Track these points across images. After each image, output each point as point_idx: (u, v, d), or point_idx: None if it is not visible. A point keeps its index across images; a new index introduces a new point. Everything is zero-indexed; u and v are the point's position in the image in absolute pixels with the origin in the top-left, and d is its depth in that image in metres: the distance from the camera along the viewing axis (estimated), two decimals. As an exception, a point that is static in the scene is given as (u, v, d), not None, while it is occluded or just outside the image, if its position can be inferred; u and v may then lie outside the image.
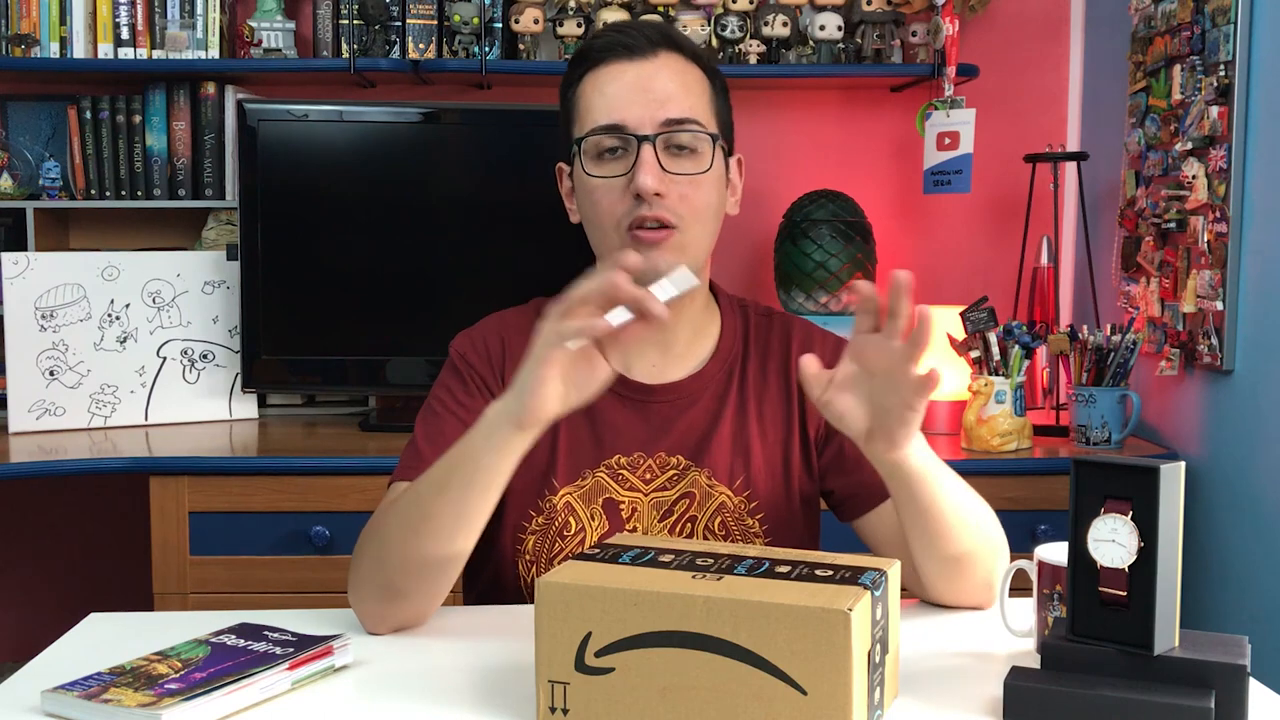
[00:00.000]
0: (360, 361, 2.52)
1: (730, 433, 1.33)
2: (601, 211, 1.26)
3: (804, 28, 2.67)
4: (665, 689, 0.92)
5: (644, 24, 1.30)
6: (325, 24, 2.66)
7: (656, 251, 1.22)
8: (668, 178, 1.23)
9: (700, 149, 1.26)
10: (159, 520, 2.17)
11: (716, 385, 1.34)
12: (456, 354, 1.36)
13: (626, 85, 1.24)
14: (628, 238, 1.24)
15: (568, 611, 0.94)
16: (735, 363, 1.36)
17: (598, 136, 1.25)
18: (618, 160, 1.25)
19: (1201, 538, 2.17)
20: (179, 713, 0.95)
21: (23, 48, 2.54)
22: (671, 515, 1.32)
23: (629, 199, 1.23)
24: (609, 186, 1.25)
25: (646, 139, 1.23)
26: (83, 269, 2.48)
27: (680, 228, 1.24)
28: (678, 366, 1.34)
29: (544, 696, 0.96)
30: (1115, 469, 0.98)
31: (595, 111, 1.25)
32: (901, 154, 2.82)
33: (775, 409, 1.35)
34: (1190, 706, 0.91)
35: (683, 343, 1.35)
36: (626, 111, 1.23)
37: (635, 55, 1.25)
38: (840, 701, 0.88)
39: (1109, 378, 2.31)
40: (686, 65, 1.28)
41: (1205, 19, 2.15)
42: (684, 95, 1.25)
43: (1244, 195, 2.07)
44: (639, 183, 1.21)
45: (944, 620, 1.25)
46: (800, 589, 0.92)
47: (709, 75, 1.30)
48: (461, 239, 2.50)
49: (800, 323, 1.41)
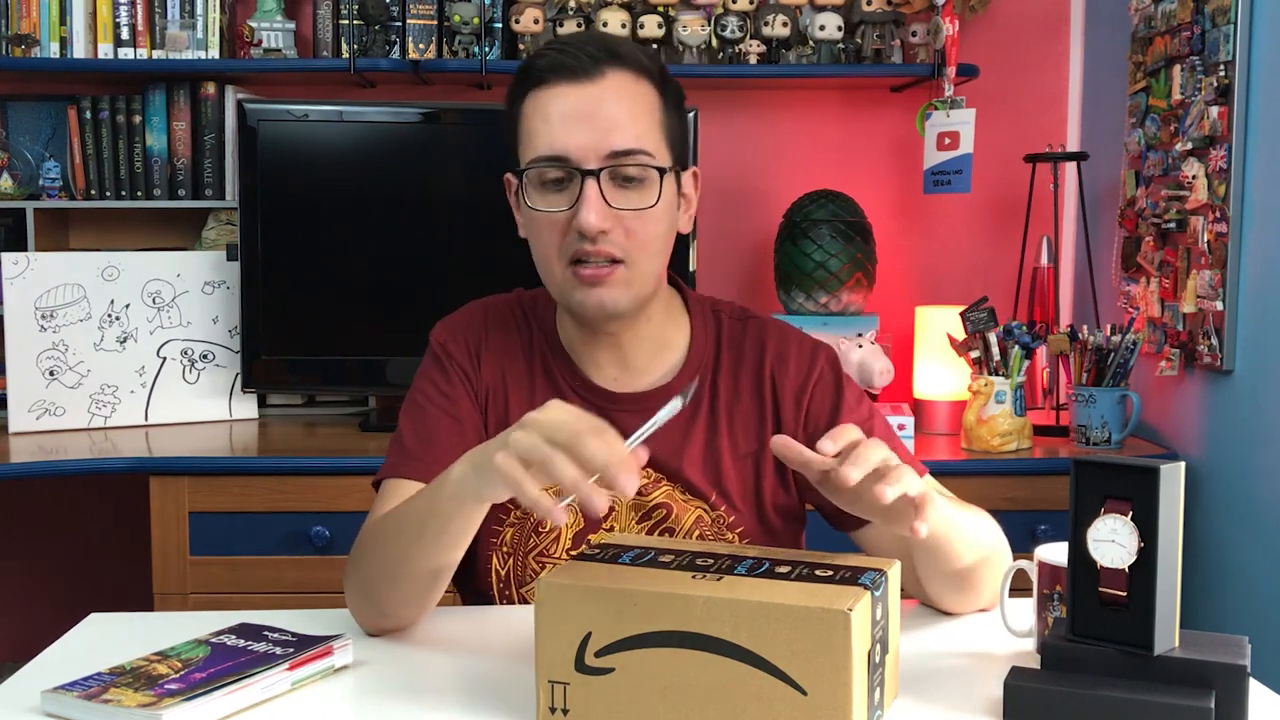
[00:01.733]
0: (360, 361, 2.52)
1: (701, 449, 1.29)
2: (545, 244, 1.23)
3: (804, 28, 2.67)
4: (665, 689, 0.92)
5: (589, 39, 1.23)
6: (325, 24, 2.66)
7: (600, 289, 1.21)
8: (612, 213, 1.19)
9: (648, 180, 1.20)
10: (159, 520, 2.17)
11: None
12: (437, 343, 1.35)
13: (569, 112, 1.18)
14: (571, 274, 1.21)
15: (568, 611, 0.94)
16: (706, 374, 1.31)
17: (540, 168, 1.20)
18: (562, 193, 1.20)
19: (1201, 538, 2.17)
20: (179, 713, 0.95)
21: (23, 48, 2.54)
22: (649, 520, 1.30)
23: (573, 233, 1.19)
24: (552, 220, 1.21)
25: (591, 173, 1.18)
26: (83, 269, 2.48)
27: (627, 262, 1.21)
28: (641, 379, 1.31)
29: (544, 696, 0.96)
30: (1115, 469, 0.98)
31: (537, 139, 1.20)
32: (901, 154, 2.82)
33: (748, 419, 1.31)
34: (1190, 706, 0.91)
35: (644, 357, 1.31)
36: (570, 141, 1.18)
37: (579, 77, 1.19)
38: (840, 701, 0.88)
39: (1109, 378, 2.31)
40: (635, 82, 1.21)
41: (1205, 19, 2.15)
42: (631, 122, 1.19)
43: (1244, 195, 2.07)
44: (582, 222, 1.18)
45: (944, 620, 1.25)
46: (800, 589, 0.92)
47: (660, 87, 1.24)
48: (461, 239, 2.50)
49: (776, 328, 1.36)
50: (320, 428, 2.54)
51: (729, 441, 1.30)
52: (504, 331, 1.35)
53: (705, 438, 1.30)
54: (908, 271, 2.84)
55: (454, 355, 1.33)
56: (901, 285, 2.82)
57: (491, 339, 1.34)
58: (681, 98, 1.28)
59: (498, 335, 1.34)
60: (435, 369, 1.33)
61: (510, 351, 1.33)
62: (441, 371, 1.32)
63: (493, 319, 1.35)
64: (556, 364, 1.33)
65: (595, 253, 1.19)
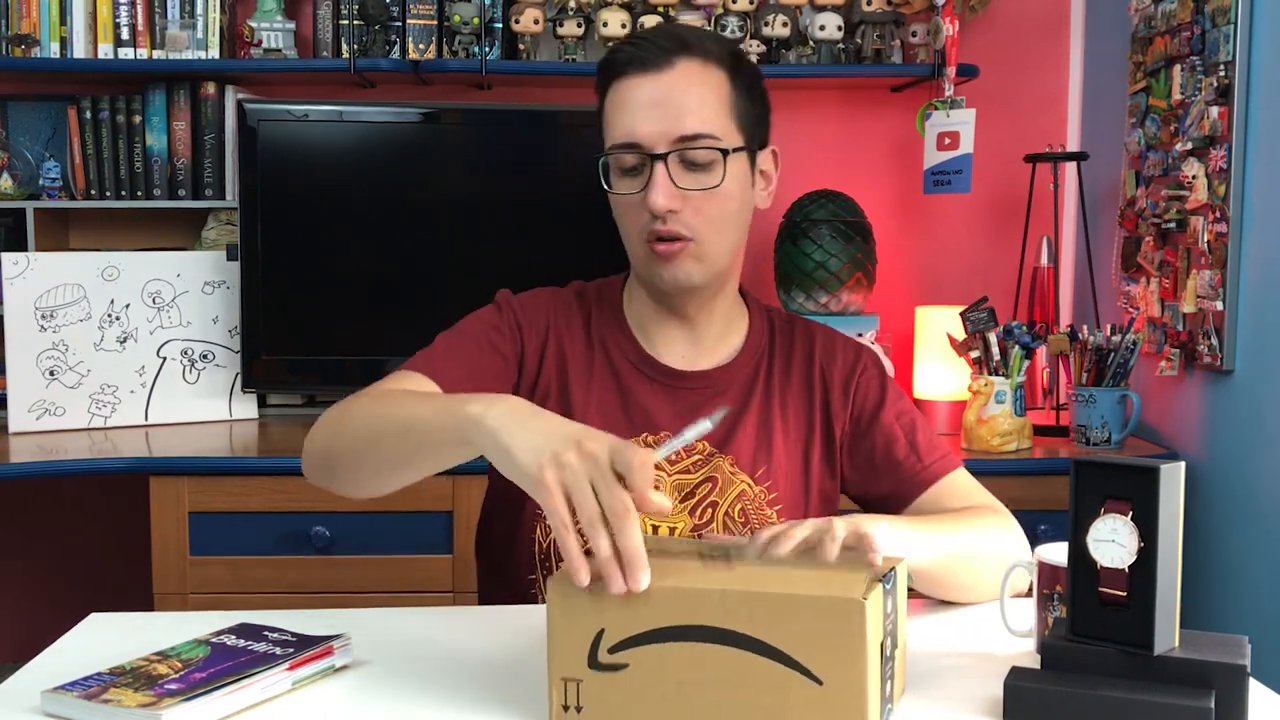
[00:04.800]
0: (360, 361, 2.52)
1: (755, 423, 1.37)
2: (625, 224, 1.33)
3: (804, 28, 2.67)
4: (680, 683, 0.92)
5: (661, 32, 1.31)
6: (325, 24, 2.66)
7: (674, 264, 1.29)
8: (680, 194, 1.27)
9: (715, 161, 1.28)
10: (159, 520, 2.17)
11: (744, 378, 1.39)
12: (501, 296, 1.41)
13: (642, 101, 1.27)
14: (649, 249, 1.30)
15: (580, 608, 0.94)
16: (762, 359, 1.41)
17: (617, 154, 1.29)
18: (637, 177, 1.29)
19: (1201, 538, 2.17)
20: (179, 713, 0.95)
21: (23, 48, 2.54)
22: (693, 498, 1.35)
23: (646, 214, 1.28)
24: (629, 202, 1.30)
25: (659, 157, 1.26)
26: (83, 269, 2.48)
27: (696, 239, 1.29)
28: (707, 358, 1.39)
29: (556, 694, 0.95)
30: (1115, 469, 0.98)
31: (615, 128, 1.29)
32: (901, 154, 2.82)
33: (798, 407, 1.40)
34: (1190, 706, 0.91)
35: (712, 337, 1.39)
36: (642, 129, 1.26)
37: (650, 68, 1.27)
38: (856, 689, 0.88)
39: (1109, 378, 2.31)
40: (705, 70, 1.29)
41: (1205, 19, 2.15)
42: (699, 107, 1.27)
43: (1244, 195, 2.07)
44: (651, 202, 1.26)
45: (944, 620, 1.25)
46: (812, 577, 0.93)
47: (731, 72, 1.31)
48: (461, 239, 2.50)
49: (820, 326, 1.46)
50: (320, 428, 2.54)
51: (781, 423, 1.38)
52: (565, 308, 1.42)
53: (759, 416, 1.38)
54: (908, 271, 2.84)
55: (514, 307, 1.39)
56: (901, 285, 2.82)
57: (555, 308, 1.41)
58: (756, 79, 1.35)
59: (560, 308, 1.42)
60: (493, 312, 1.39)
61: (569, 324, 1.40)
62: (497, 314, 1.39)
63: (557, 298, 1.43)
64: (616, 340, 1.39)
65: (667, 230, 1.28)
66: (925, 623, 1.23)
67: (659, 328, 1.39)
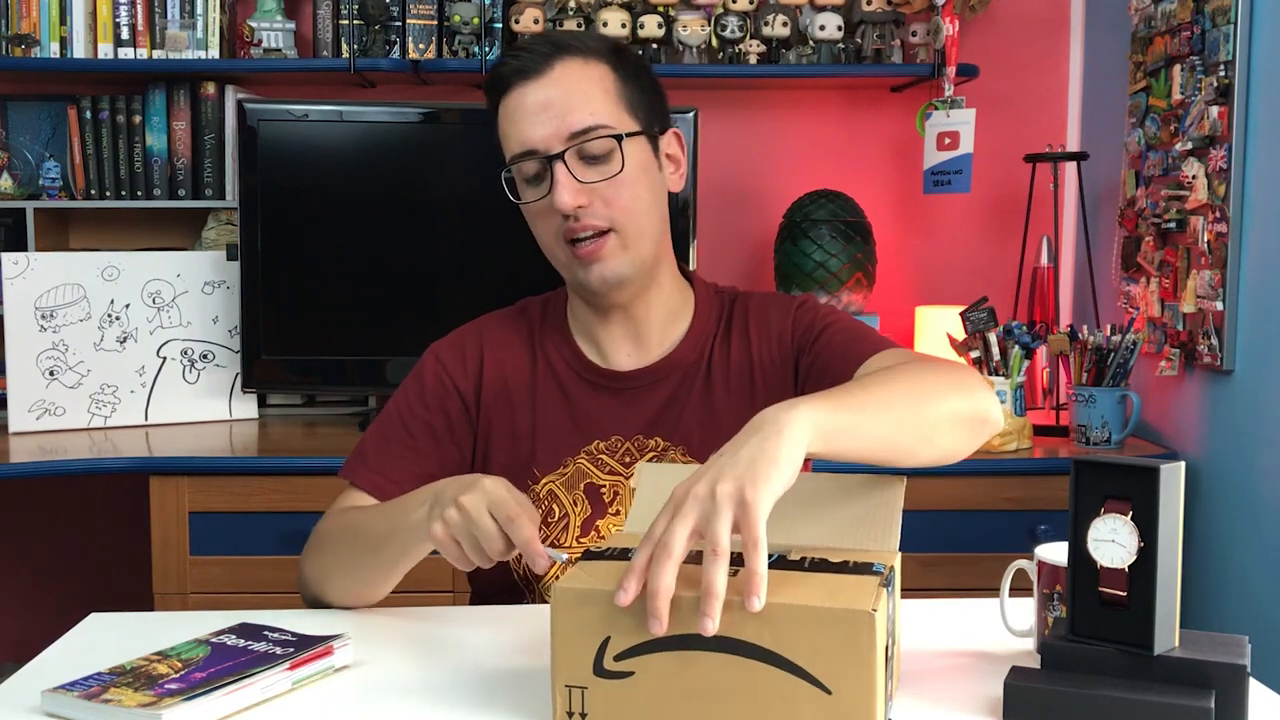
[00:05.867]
0: (360, 361, 2.52)
1: (698, 406, 1.36)
2: (541, 232, 1.33)
3: (804, 28, 2.67)
4: (687, 692, 0.92)
5: (538, 39, 1.32)
6: (325, 24, 2.66)
7: (599, 262, 1.28)
8: (584, 188, 1.27)
9: (613, 150, 1.28)
10: (159, 520, 2.18)
11: (687, 364, 1.38)
12: (428, 353, 1.42)
13: (530, 108, 1.27)
14: (570, 253, 1.29)
15: (586, 616, 0.93)
16: (708, 341, 1.39)
17: (517, 164, 1.30)
18: (541, 183, 1.29)
19: (1201, 538, 2.17)
20: (179, 713, 0.95)
21: (23, 48, 2.54)
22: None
23: (558, 216, 1.28)
24: (539, 209, 1.30)
25: (556, 157, 1.26)
26: (83, 269, 2.48)
27: (615, 229, 1.29)
28: (654, 351, 1.39)
29: (561, 701, 0.95)
30: (1115, 469, 0.98)
31: (510, 140, 1.30)
32: (901, 154, 2.82)
33: (740, 373, 1.37)
34: (1190, 706, 0.91)
35: (655, 329, 1.38)
36: (534, 134, 1.27)
37: (532, 75, 1.28)
38: (866, 700, 0.88)
39: (1109, 378, 2.31)
40: (585, 66, 1.29)
41: (1205, 19, 2.15)
42: (586, 102, 1.27)
43: (1244, 195, 2.07)
44: (557, 201, 1.26)
45: (944, 619, 1.25)
46: (819, 586, 0.92)
47: (613, 64, 1.31)
48: (461, 239, 2.50)
49: (760, 295, 1.43)
50: (320, 428, 2.54)
51: (726, 398, 1.36)
52: (501, 327, 1.43)
53: (701, 398, 1.36)
54: (908, 271, 2.84)
55: (441, 361, 1.40)
56: (901, 285, 2.82)
57: (488, 334, 1.41)
58: (641, 66, 1.34)
59: (494, 330, 1.42)
60: (413, 384, 1.41)
61: (507, 341, 1.40)
62: (419, 385, 1.40)
63: (488, 322, 1.44)
64: (559, 350, 1.39)
65: (581, 227, 1.28)
66: (925, 622, 1.23)
67: (603, 330, 1.38)
